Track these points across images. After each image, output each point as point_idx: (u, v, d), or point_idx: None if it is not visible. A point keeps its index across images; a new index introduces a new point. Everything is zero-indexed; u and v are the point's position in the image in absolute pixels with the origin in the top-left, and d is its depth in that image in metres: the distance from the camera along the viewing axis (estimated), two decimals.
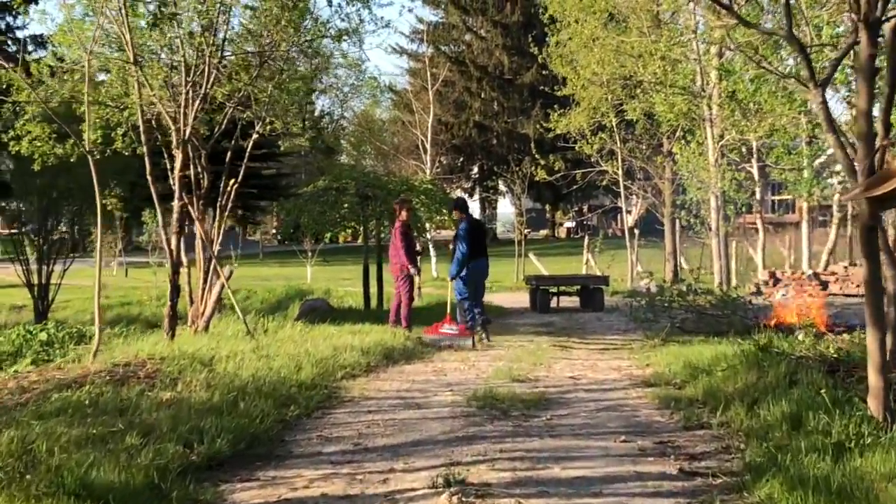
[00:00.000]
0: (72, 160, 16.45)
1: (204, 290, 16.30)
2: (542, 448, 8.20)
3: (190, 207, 15.23)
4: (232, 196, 16.47)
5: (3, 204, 37.00)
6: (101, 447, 7.41)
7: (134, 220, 49.27)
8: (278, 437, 8.72)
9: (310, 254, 47.56)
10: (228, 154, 17.06)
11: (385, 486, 7.07)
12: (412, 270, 17.30)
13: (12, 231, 37.70)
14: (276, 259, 63.76)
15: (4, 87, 14.92)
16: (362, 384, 11.62)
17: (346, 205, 24.25)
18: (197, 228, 16.07)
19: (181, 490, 6.77)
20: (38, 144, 16.02)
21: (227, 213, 16.66)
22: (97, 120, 16.35)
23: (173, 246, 14.67)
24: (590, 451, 8.15)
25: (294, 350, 12.86)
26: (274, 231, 78.78)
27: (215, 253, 16.33)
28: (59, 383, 9.83)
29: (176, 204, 14.70)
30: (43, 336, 20.20)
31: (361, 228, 25.59)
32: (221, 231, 16.66)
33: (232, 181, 16.36)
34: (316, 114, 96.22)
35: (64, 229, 35.60)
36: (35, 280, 30.88)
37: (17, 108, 15.68)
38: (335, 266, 47.18)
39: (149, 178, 14.29)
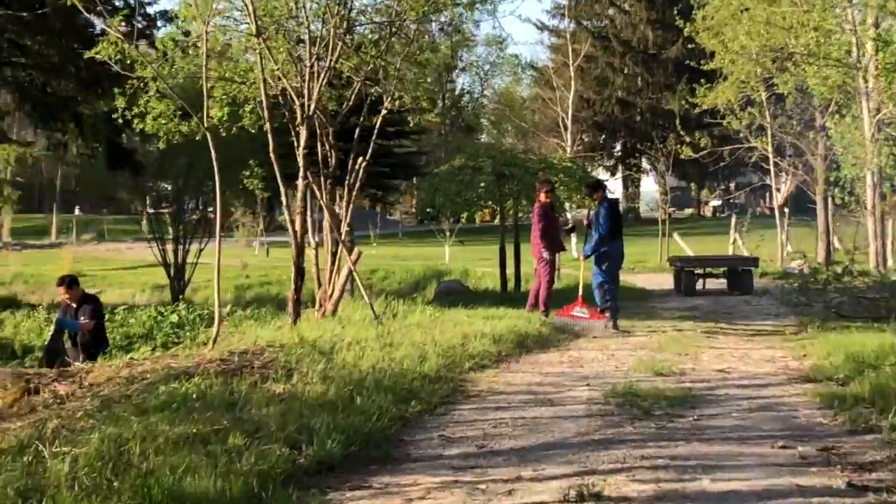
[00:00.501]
0: (203, 138, 16.02)
1: (332, 272, 15.71)
2: (688, 455, 7.29)
3: (315, 187, 14.64)
4: (360, 174, 15.83)
5: (150, 184, 37.25)
6: (201, 449, 6.78)
7: (276, 199, 49.40)
8: (396, 436, 7.97)
9: (448, 234, 47.07)
10: (356, 131, 16.42)
11: (510, 499, 6.27)
12: (545, 255, 16.52)
13: (159, 211, 38.02)
14: (415, 239, 63.57)
15: (129, 63, 14.48)
16: (491, 376, 10.79)
17: (482, 184, 23.85)
18: (323, 208, 15.48)
19: (282, 499, 6.10)
20: (163, 122, 15.60)
21: (355, 193, 16.02)
22: (223, 96, 15.91)
23: (297, 227, 14.10)
24: (743, 458, 7.19)
25: (420, 338, 12.13)
26: (414, 210, 78.63)
27: (343, 234, 15.73)
28: (168, 373, 9.28)
29: (300, 183, 14.13)
30: (173, 318, 20.00)
31: (498, 208, 25.00)
32: (350, 211, 16.04)
33: (360, 159, 15.72)
34: (456, 92, 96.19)
35: (202, 209, 35.78)
36: (172, 260, 30.96)
37: (143, 84, 15.25)
38: (474, 246, 46.51)
39: (272, 156, 13.72)
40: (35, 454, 6.58)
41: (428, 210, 26.56)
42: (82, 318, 13.75)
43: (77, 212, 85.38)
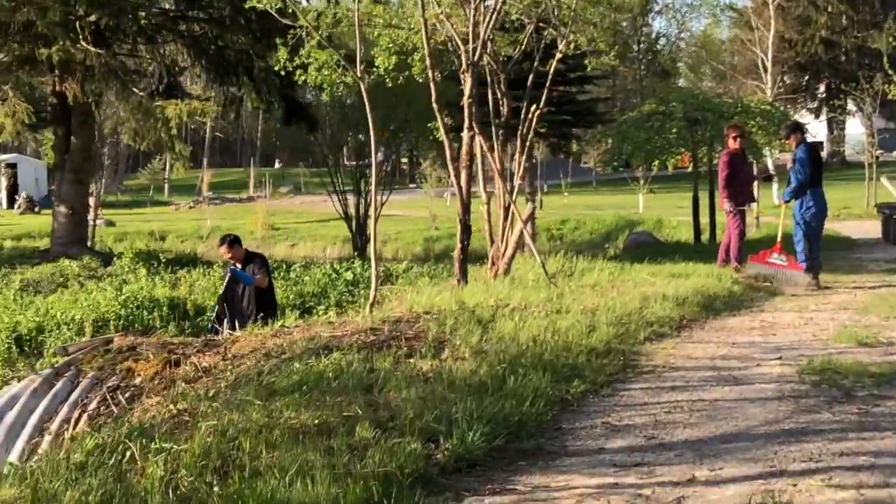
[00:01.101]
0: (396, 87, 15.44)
1: (504, 227, 14.75)
2: None
3: (481, 138, 13.67)
4: (534, 124, 14.78)
5: (349, 135, 37.15)
6: (321, 443, 5.96)
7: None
8: (553, 423, 6.97)
9: (641, 182, 45.67)
10: (530, 78, 15.35)
11: None
12: (726, 206, 15.28)
13: (350, 164, 37.83)
14: (610, 187, 62.16)
15: (290, 11, 13.79)
16: (669, 348, 9.60)
17: (673, 130, 22.89)
18: (492, 161, 14.50)
19: None
20: (326, 73, 14.86)
21: (528, 143, 14.99)
22: (390, 45, 15.09)
23: (462, 182, 13.17)
24: None
25: (594, 301, 11.08)
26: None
27: (516, 187, 14.75)
28: (307, 347, 8.50)
29: (465, 135, 13.20)
30: (348, 276, 19.41)
31: (691, 155, 23.90)
32: (523, 162, 15.03)
33: (534, 107, 14.66)
34: (652, 36, 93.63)
35: (388, 160, 35.40)
36: (353, 213, 30.60)
37: (305, 33, 14.54)
38: (669, 194, 44.91)
39: (434, 106, 12.81)
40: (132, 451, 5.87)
41: (615, 159, 25.41)
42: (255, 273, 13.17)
43: (277, 165, 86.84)
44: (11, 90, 24.05)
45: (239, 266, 13.42)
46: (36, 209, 54.62)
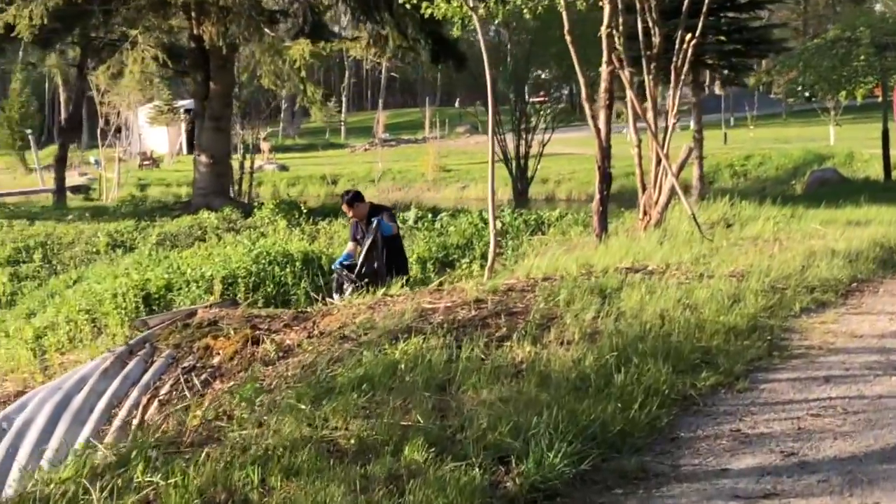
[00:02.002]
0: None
1: (657, 174, 13.20)
2: None
3: (622, 75, 12.13)
4: (689, 55, 13.14)
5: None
6: (358, 470, 4.75)
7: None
8: (668, 431, 5.60)
9: (832, 113, 42.85)
10: (685, 3, 13.67)
11: None
12: None
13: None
14: (800, 119, 58.84)
15: None
16: (829, 322, 7.91)
17: (861, 57, 21.01)
18: (629, 97, 12.96)
19: None
20: (455, 5, 13.47)
21: (682, 77, 13.33)
22: None
23: (601, 124, 11.68)
24: None
25: (747, 260, 9.51)
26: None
27: (670, 127, 13.19)
28: (393, 326, 7.29)
29: (604, 70, 11.67)
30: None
31: (880, 84, 22.00)
32: (677, 98, 13.40)
33: (689, 36, 13.00)
34: None
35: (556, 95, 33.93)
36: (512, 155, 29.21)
37: None
38: (865, 125, 41.83)
39: (567, 37, 11.34)
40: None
41: (798, 90, 23.45)
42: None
43: (457, 105, 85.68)
44: (141, 35, 23.44)
45: (364, 222, 12.26)
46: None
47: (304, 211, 20.32)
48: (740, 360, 6.66)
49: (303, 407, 5.60)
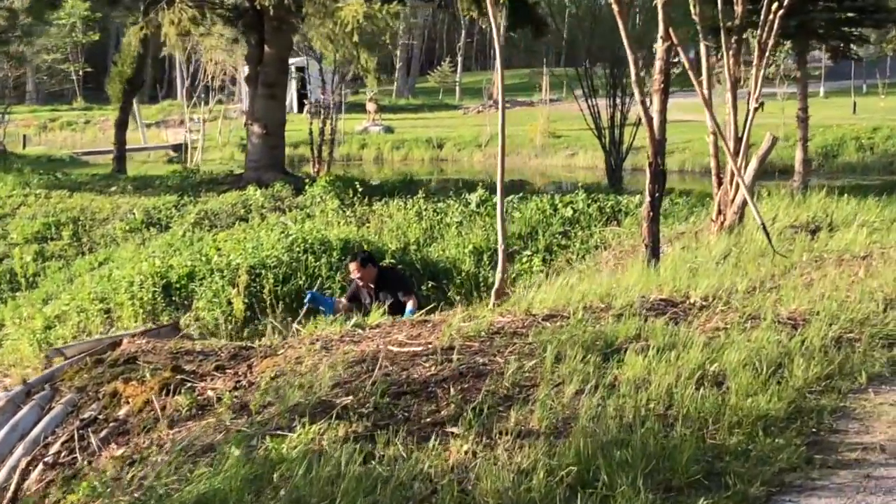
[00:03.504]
0: None
1: (737, 168, 11.11)
2: None
3: (680, 50, 10.08)
4: (775, 28, 11.00)
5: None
6: None
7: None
8: None
9: None
10: None
11: None
12: None
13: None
14: None
15: None
16: None
17: None
18: (693, 77, 10.89)
19: None
20: None
21: (767, 53, 11.21)
22: None
23: (654, 111, 9.66)
24: None
25: (817, 290, 7.46)
26: None
27: (752, 109, 11.12)
28: (302, 399, 5.52)
29: (658, 47, 9.66)
30: (566, 212, 16.09)
31: None
32: (761, 77, 11.29)
33: (774, 6, 10.85)
34: None
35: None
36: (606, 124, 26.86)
37: None
38: None
39: (614, 7, 9.34)
40: None
41: None
42: (408, 304, 10.19)
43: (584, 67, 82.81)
44: None
45: (372, 285, 10.60)
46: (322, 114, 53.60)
47: (360, 189, 18.49)
48: (762, 475, 4.61)
49: None
